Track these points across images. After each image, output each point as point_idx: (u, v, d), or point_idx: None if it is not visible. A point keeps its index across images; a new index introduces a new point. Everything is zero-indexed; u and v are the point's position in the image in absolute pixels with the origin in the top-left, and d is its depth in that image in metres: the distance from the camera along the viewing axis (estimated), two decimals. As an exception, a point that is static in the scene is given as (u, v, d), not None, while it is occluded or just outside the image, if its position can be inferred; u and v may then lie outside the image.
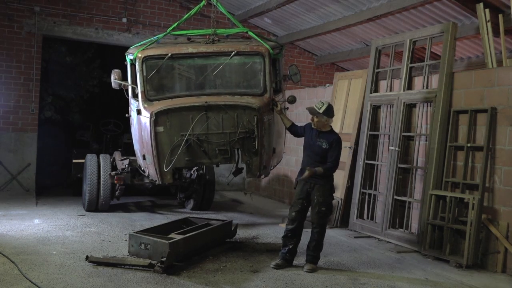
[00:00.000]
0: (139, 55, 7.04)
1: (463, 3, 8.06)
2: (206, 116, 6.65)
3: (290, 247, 6.02)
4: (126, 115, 8.37)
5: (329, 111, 5.95)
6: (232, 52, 7.05)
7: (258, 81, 7.19)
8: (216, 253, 6.33)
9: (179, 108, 6.73)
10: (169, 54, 7.01)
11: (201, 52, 7.13)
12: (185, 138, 6.62)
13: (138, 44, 7.96)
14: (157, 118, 6.66)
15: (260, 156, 6.84)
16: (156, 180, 7.16)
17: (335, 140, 5.93)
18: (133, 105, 7.66)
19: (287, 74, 7.57)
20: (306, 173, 5.84)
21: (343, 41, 11.77)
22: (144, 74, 6.98)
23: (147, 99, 6.93)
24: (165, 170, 6.72)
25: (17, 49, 10.65)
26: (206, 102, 6.73)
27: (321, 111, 5.90)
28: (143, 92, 6.96)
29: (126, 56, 7.75)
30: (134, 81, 7.51)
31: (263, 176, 7.15)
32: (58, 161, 12.74)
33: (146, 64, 7.01)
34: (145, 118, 6.84)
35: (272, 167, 7.47)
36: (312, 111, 5.99)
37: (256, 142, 6.72)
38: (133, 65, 7.51)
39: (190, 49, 7.12)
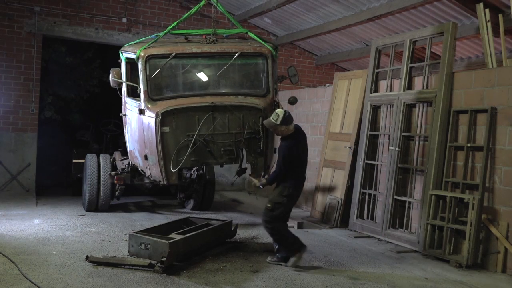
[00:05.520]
0: (142, 54, 6.99)
1: (463, 3, 8.07)
2: (213, 117, 6.65)
3: (277, 247, 6.12)
4: (120, 114, 8.37)
5: (286, 120, 5.93)
6: (236, 52, 7.04)
7: (260, 82, 7.20)
8: (216, 253, 6.33)
9: (185, 109, 6.73)
10: (174, 54, 6.99)
11: (205, 52, 7.11)
12: (193, 139, 6.61)
13: (134, 42, 7.95)
14: (163, 118, 6.65)
15: (265, 156, 6.87)
16: (160, 181, 7.14)
17: (280, 146, 6.00)
18: (130, 104, 7.65)
19: (281, 75, 7.58)
20: (251, 186, 6.21)
21: (343, 41, 11.77)
22: (148, 73, 6.95)
23: (151, 99, 6.91)
24: (173, 170, 6.71)
25: (17, 49, 10.65)
26: (212, 102, 6.73)
27: (278, 122, 5.90)
28: (146, 92, 6.93)
29: (121, 54, 7.74)
30: (130, 79, 7.51)
31: (266, 176, 7.17)
32: (58, 161, 12.74)
33: (150, 63, 6.98)
34: (149, 118, 6.81)
35: (271, 167, 7.49)
36: (270, 124, 6.01)
37: (262, 143, 6.75)
38: (128, 63, 7.50)
39: (194, 49, 7.11)
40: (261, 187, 6.14)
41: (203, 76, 7.38)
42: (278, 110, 6.01)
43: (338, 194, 8.65)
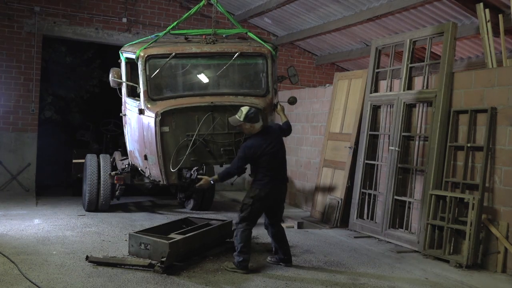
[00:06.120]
0: (142, 54, 6.99)
1: (463, 3, 8.06)
2: (212, 117, 6.65)
3: (273, 250, 6.12)
4: (120, 114, 8.37)
5: (249, 118, 5.80)
6: (235, 52, 7.05)
7: (260, 82, 7.21)
8: (216, 253, 6.33)
9: (185, 108, 6.74)
10: (173, 54, 6.99)
11: (205, 52, 7.12)
12: (193, 139, 6.62)
13: (134, 42, 7.95)
14: (162, 118, 6.65)
15: None
16: (160, 181, 7.14)
17: (242, 144, 5.95)
18: (130, 104, 7.65)
19: (281, 75, 7.58)
20: (201, 181, 6.05)
21: (343, 41, 11.77)
22: (147, 73, 6.95)
23: (150, 99, 6.91)
24: (172, 170, 6.72)
25: (17, 49, 10.65)
26: (212, 102, 6.74)
27: (241, 119, 5.81)
28: (146, 92, 6.93)
29: (121, 54, 7.74)
30: (130, 79, 7.51)
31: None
32: (58, 161, 12.74)
33: (149, 63, 6.98)
34: (149, 118, 6.82)
35: None
36: (234, 121, 5.93)
37: None
38: (128, 63, 7.50)
39: (194, 49, 7.12)
40: (212, 182, 6.03)
41: (202, 76, 7.39)
42: (243, 107, 5.91)
43: (338, 194, 8.65)
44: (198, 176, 6.38)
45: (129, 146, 8.17)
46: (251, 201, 5.80)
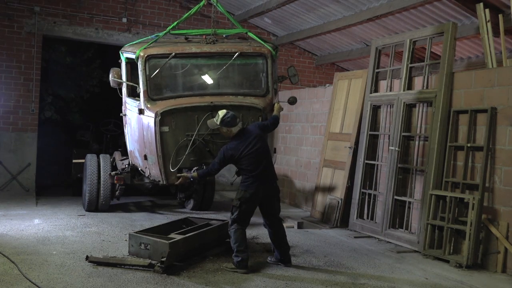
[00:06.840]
0: (142, 54, 7.00)
1: (463, 3, 8.06)
2: (212, 116, 6.68)
3: (272, 249, 6.12)
4: (121, 114, 8.38)
5: (225, 122, 5.83)
6: (235, 52, 7.05)
7: (260, 82, 7.21)
8: (216, 253, 6.33)
9: (184, 108, 6.75)
10: (173, 54, 7.00)
11: (205, 52, 7.13)
12: (192, 139, 6.63)
13: (134, 42, 7.96)
14: (162, 118, 6.66)
15: None
16: (159, 181, 7.15)
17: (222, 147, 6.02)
18: (130, 104, 7.66)
19: (281, 75, 7.59)
20: (180, 179, 6.18)
21: (343, 41, 11.77)
22: (147, 73, 6.96)
23: (150, 99, 6.92)
24: (172, 170, 6.73)
25: (17, 49, 10.64)
26: (211, 102, 6.75)
27: (218, 122, 5.87)
28: (146, 92, 6.94)
29: (121, 54, 7.75)
30: (130, 79, 7.52)
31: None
32: (58, 161, 12.74)
33: (149, 63, 6.99)
34: (149, 118, 6.82)
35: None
36: (212, 125, 6.02)
37: None
38: (128, 63, 7.51)
39: (193, 48, 7.13)
40: (191, 179, 6.12)
41: (202, 76, 7.39)
42: (220, 111, 5.94)
43: (338, 194, 8.65)
44: (178, 175, 6.41)
45: (129, 146, 8.18)
46: (238, 203, 5.85)
